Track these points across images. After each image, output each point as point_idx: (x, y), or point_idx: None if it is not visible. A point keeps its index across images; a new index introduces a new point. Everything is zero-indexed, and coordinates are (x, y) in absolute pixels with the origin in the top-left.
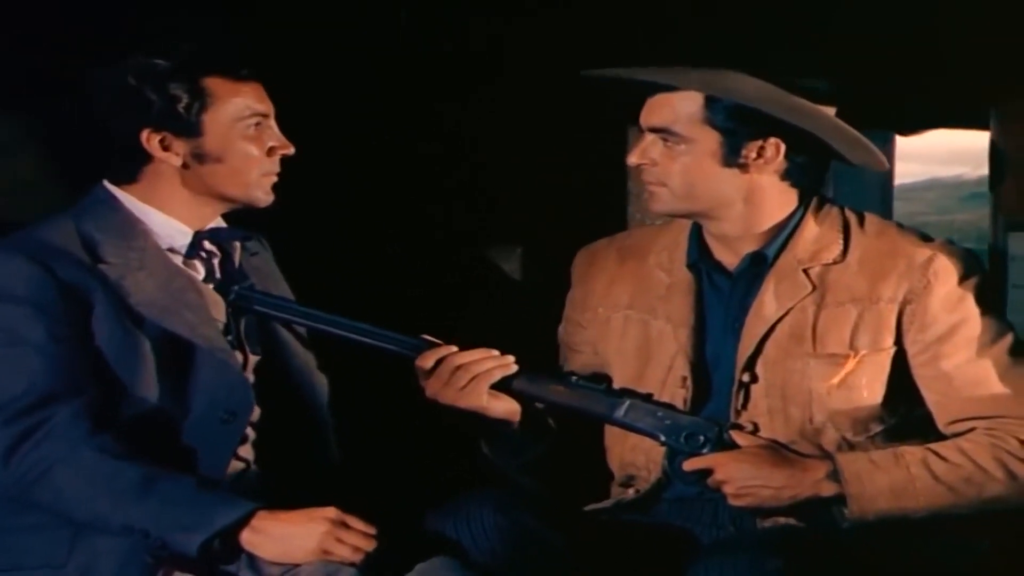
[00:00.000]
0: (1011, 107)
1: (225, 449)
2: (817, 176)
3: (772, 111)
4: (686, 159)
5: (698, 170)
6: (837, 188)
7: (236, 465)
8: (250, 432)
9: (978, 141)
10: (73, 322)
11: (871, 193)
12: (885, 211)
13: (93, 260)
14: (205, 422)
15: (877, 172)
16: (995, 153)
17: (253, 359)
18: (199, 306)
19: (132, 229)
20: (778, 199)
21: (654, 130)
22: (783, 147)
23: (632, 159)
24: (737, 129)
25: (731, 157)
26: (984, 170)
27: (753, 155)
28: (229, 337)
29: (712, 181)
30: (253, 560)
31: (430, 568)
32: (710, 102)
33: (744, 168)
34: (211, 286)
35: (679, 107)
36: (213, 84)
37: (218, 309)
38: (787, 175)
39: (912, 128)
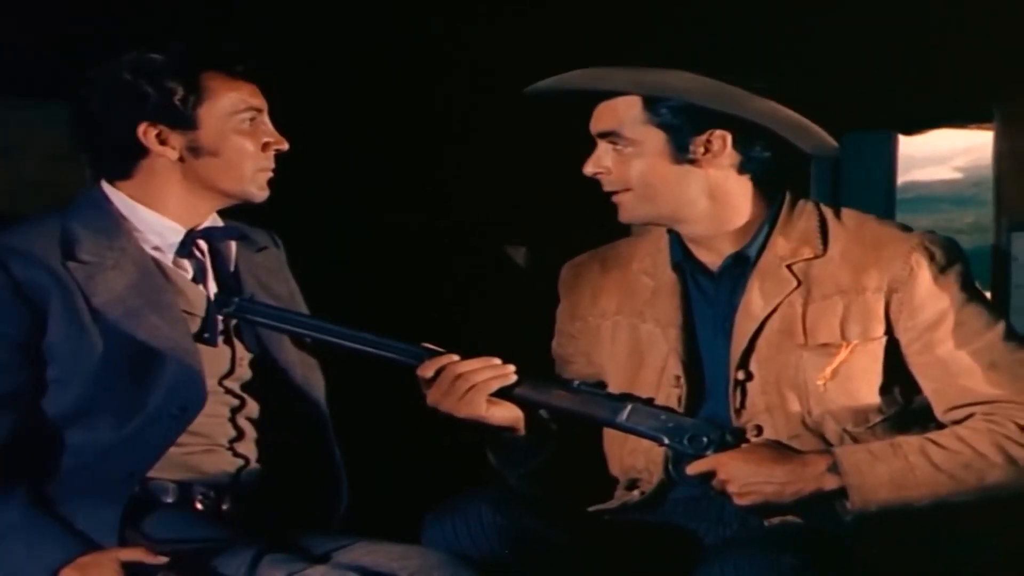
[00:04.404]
0: (1015, 106)
1: (166, 442)
2: (779, 169)
3: (702, 102)
4: (637, 162)
5: (651, 171)
6: (842, 192)
7: (235, 462)
8: (249, 429)
9: None
10: (13, 320)
11: (875, 197)
12: (888, 214)
13: (66, 258)
14: (156, 417)
15: (882, 177)
16: (998, 153)
17: (246, 355)
18: (169, 306)
19: (117, 228)
20: (743, 195)
21: (603, 135)
22: (729, 138)
23: (587, 169)
24: (681, 125)
25: (679, 154)
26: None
27: (701, 150)
28: (206, 335)
29: (668, 180)
30: (254, 568)
31: (425, 564)
32: (650, 102)
33: (695, 163)
34: (200, 287)
35: (622, 110)
36: (208, 79)
37: (197, 305)
38: (745, 169)
39: (916, 128)
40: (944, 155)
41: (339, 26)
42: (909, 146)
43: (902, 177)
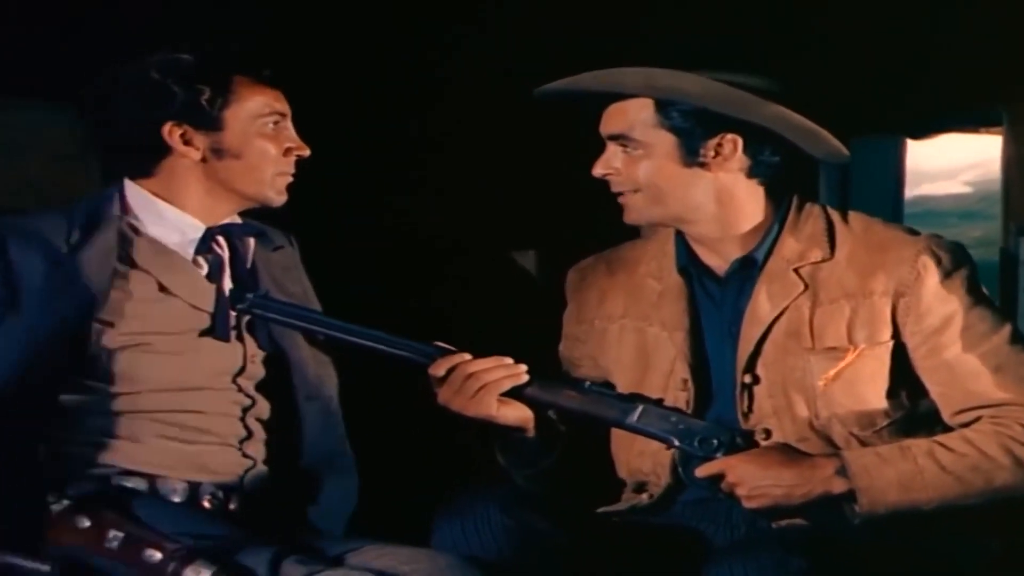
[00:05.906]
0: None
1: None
2: (788, 173)
3: (714, 107)
4: (646, 163)
5: (660, 173)
6: (850, 197)
7: (244, 462)
8: (258, 429)
9: None
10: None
11: (883, 201)
12: (896, 219)
13: (68, 248)
14: None
15: (890, 182)
16: (1007, 157)
17: (258, 352)
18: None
19: (121, 221)
20: (751, 199)
21: (613, 138)
22: (740, 143)
23: (596, 170)
24: (692, 129)
25: (690, 157)
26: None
27: (711, 153)
28: (217, 330)
29: (677, 183)
30: (276, 567)
31: (434, 568)
32: (662, 105)
33: (705, 167)
34: (214, 285)
35: (633, 113)
36: (236, 82)
37: (207, 300)
38: (753, 173)
39: (924, 132)
40: (953, 169)
41: (345, 28)
42: (918, 160)
43: (911, 191)
